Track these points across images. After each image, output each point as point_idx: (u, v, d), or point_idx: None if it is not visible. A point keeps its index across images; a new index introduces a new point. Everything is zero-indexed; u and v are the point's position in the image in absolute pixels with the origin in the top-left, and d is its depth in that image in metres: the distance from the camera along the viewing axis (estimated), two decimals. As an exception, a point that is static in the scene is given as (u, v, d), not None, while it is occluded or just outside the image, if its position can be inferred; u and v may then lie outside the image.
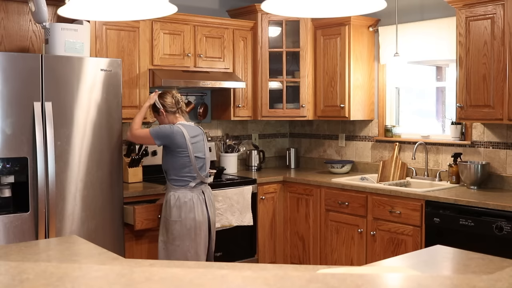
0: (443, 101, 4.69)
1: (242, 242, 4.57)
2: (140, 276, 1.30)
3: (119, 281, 1.27)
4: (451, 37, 4.18)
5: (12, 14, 3.75)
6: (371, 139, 4.98)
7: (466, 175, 4.05)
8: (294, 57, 5.02)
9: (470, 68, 3.85)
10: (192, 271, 1.39)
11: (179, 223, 3.60)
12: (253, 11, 4.92)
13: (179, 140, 3.60)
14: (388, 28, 4.70)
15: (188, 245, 3.61)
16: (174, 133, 3.61)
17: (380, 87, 4.90)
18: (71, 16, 2.19)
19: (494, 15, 3.70)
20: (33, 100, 3.37)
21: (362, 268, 2.03)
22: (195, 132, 3.72)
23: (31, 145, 3.36)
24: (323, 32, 4.88)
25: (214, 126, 5.16)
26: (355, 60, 4.74)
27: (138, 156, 4.42)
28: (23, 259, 2.16)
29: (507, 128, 4.05)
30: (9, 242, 3.24)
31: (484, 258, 2.15)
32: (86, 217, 3.60)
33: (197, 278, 1.28)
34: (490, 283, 1.23)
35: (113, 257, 2.22)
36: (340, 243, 4.40)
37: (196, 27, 4.59)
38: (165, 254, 3.66)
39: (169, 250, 3.64)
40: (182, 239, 3.61)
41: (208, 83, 4.51)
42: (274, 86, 5.04)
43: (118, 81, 3.74)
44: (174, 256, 3.62)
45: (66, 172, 3.52)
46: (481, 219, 3.50)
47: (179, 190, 3.64)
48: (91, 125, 3.62)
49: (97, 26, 4.04)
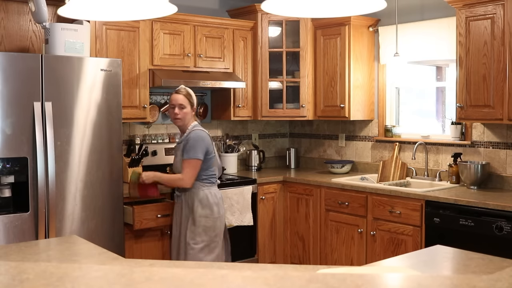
0: (443, 101, 4.69)
1: (242, 242, 4.56)
2: (140, 276, 1.30)
3: (119, 281, 1.27)
4: (451, 37, 4.17)
5: (12, 14, 3.75)
6: (371, 139, 4.98)
7: (466, 175, 4.05)
8: (294, 57, 5.02)
9: (470, 68, 3.85)
10: (192, 271, 1.39)
11: (219, 220, 3.66)
12: (253, 11, 4.92)
13: (211, 143, 3.67)
14: (388, 28, 4.70)
15: (223, 240, 3.71)
16: (205, 140, 3.63)
17: (380, 87, 4.90)
18: (71, 16, 2.19)
19: (494, 15, 3.70)
20: (33, 100, 3.37)
21: (362, 268, 2.03)
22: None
23: (31, 145, 3.36)
24: (323, 32, 4.87)
25: (214, 126, 5.16)
26: (355, 60, 4.74)
27: (138, 156, 4.42)
28: (23, 259, 2.16)
29: (507, 128, 4.05)
30: (9, 242, 3.23)
31: (484, 258, 2.15)
32: (86, 217, 3.60)
33: (198, 278, 1.28)
34: (490, 283, 1.23)
35: (113, 257, 2.22)
36: (340, 243, 4.40)
37: (196, 27, 4.59)
38: (202, 255, 3.58)
39: (209, 248, 3.60)
40: (221, 235, 3.69)
41: (208, 83, 4.51)
42: (274, 86, 5.04)
43: (118, 81, 3.74)
44: (214, 253, 3.61)
45: (66, 172, 3.52)
46: (481, 219, 3.50)
47: (211, 187, 3.68)
48: (91, 125, 3.62)
49: (97, 26, 4.04)
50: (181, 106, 3.63)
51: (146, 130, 4.74)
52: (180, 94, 3.66)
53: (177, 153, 3.72)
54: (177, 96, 3.66)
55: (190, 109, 3.66)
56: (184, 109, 3.63)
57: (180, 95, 3.65)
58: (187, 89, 3.71)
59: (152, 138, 4.73)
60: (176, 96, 3.66)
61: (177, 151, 3.72)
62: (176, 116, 3.65)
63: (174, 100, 3.66)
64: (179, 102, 3.64)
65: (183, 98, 3.64)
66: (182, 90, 3.69)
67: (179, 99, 3.65)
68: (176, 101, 3.65)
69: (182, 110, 3.64)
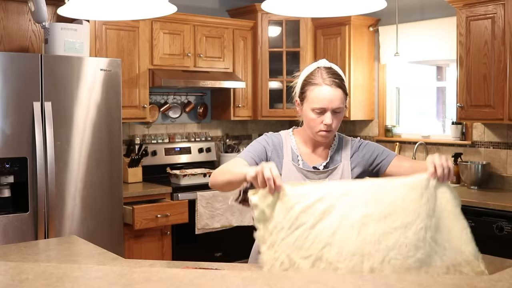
0: (444, 101, 4.69)
1: (242, 242, 4.56)
2: (140, 276, 1.30)
3: (118, 281, 1.27)
4: (451, 37, 4.17)
5: (12, 14, 3.74)
6: (371, 139, 4.98)
7: (466, 175, 4.04)
8: (294, 57, 5.02)
9: (471, 68, 3.84)
10: (192, 271, 1.38)
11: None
12: (253, 11, 4.91)
13: None
14: (389, 28, 4.70)
15: None
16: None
17: (380, 87, 4.90)
18: (70, 15, 2.19)
19: (495, 14, 3.69)
20: (32, 100, 3.36)
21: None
22: None
23: (30, 145, 3.35)
24: (323, 32, 4.87)
25: (214, 126, 5.16)
26: (355, 60, 4.73)
27: (138, 156, 4.42)
28: (22, 260, 2.16)
29: (507, 128, 4.05)
30: (9, 242, 3.23)
31: (484, 258, 2.14)
32: (85, 217, 3.60)
33: (197, 278, 1.28)
34: (490, 283, 1.23)
35: (113, 257, 2.22)
36: (340, 243, 4.39)
37: (196, 27, 4.59)
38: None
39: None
40: None
41: (208, 83, 4.50)
42: (274, 86, 5.03)
43: (118, 81, 3.73)
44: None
45: (66, 172, 3.51)
46: (481, 219, 3.50)
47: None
48: (91, 125, 3.61)
49: (96, 26, 4.04)
50: (335, 110, 2.03)
51: (146, 130, 4.74)
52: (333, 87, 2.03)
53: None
54: (328, 91, 2.02)
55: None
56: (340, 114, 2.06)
57: (334, 89, 2.03)
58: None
59: (152, 138, 4.72)
60: (327, 91, 2.02)
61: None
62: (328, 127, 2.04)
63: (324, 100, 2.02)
64: (336, 104, 2.02)
65: (341, 94, 2.04)
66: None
67: (334, 97, 2.02)
68: (329, 102, 2.01)
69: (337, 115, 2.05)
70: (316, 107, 2.02)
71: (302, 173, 2.07)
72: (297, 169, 2.08)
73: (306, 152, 2.13)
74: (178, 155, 4.80)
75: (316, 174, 2.08)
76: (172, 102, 4.85)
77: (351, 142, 2.17)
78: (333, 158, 2.12)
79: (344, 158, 2.12)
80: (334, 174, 2.09)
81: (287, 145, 2.14)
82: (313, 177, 2.07)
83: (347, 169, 2.10)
